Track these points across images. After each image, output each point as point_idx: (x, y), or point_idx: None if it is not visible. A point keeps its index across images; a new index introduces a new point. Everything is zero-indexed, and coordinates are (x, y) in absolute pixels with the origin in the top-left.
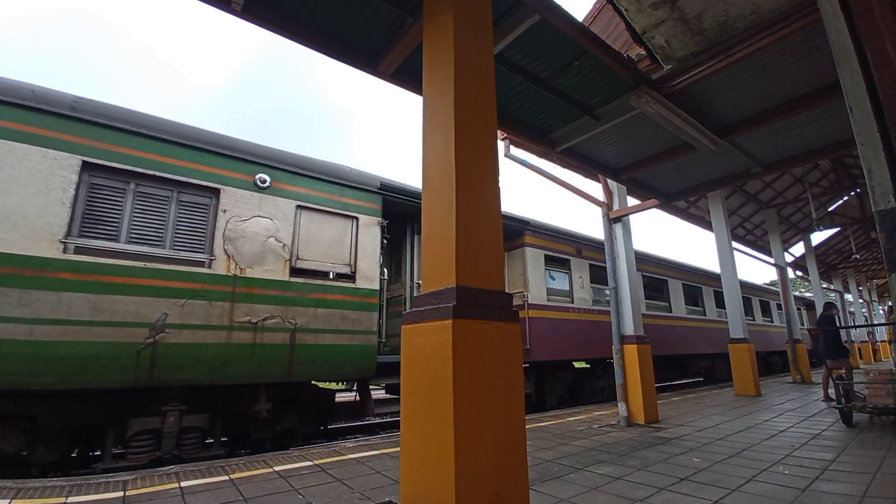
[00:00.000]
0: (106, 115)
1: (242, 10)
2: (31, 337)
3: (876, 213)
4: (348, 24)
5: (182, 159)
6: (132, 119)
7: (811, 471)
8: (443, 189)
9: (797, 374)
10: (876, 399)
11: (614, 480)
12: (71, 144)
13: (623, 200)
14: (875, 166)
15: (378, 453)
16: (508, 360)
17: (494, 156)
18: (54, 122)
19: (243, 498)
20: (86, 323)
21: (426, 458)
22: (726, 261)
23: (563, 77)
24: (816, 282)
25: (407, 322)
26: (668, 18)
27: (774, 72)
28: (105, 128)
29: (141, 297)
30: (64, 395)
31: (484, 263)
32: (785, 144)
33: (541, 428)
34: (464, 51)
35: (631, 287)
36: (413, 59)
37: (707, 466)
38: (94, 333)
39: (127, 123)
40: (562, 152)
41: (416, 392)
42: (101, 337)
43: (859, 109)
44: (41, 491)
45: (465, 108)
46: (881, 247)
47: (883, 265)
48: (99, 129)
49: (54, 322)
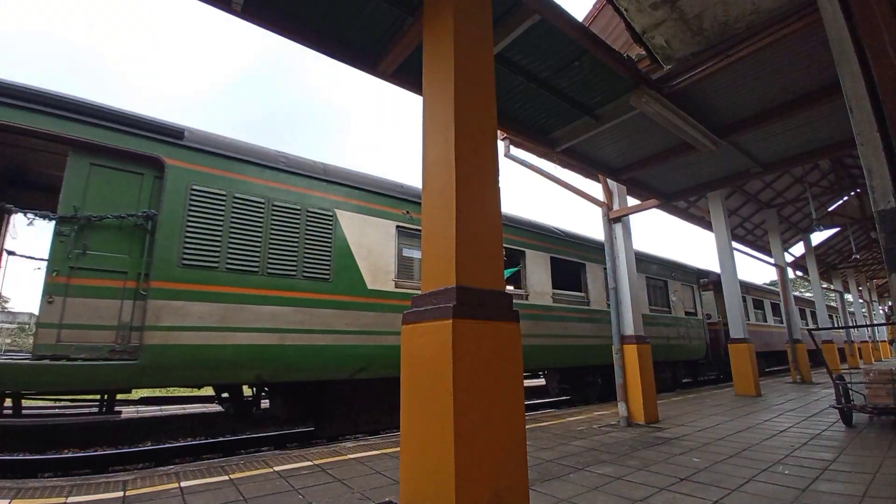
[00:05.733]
0: (412, 193)
1: (242, 10)
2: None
3: (876, 213)
4: (348, 24)
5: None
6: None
7: (811, 471)
8: (443, 189)
9: (797, 374)
10: (876, 399)
11: (614, 480)
12: (391, 215)
13: (623, 200)
14: (875, 166)
15: (378, 453)
16: (508, 360)
17: (494, 156)
18: (385, 200)
19: (243, 498)
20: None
21: (426, 458)
22: (726, 261)
23: (563, 77)
24: (816, 282)
25: (407, 322)
26: (668, 18)
27: (774, 72)
28: (409, 202)
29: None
30: None
31: (484, 263)
32: (785, 144)
33: (541, 428)
34: (464, 51)
35: (631, 287)
36: (413, 59)
37: (707, 466)
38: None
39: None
40: (562, 152)
41: (416, 392)
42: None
43: (859, 109)
44: (41, 491)
45: (465, 108)
46: (881, 247)
47: (883, 265)
48: (405, 203)
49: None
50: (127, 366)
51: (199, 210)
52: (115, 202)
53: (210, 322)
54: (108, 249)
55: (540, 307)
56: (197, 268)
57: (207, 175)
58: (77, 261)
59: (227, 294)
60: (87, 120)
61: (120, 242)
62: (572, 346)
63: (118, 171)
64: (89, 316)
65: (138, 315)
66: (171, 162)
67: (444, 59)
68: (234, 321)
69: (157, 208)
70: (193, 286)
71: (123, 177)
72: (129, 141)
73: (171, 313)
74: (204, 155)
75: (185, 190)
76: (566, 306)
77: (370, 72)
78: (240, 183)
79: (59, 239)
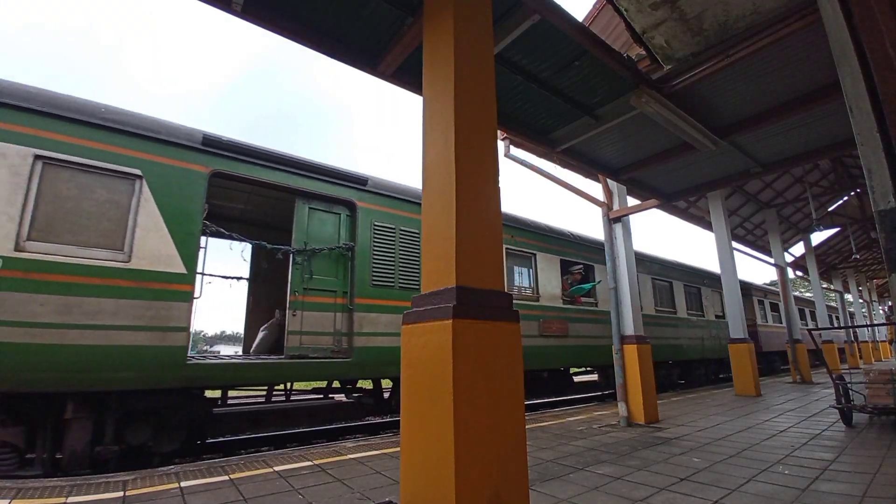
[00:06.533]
0: (507, 218)
1: (242, 10)
2: None
3: (876, 213)
4: (348, 24)
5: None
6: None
7: (811, 471)
8: (443, 189)
9: (797, 374)
10: (876, 399)
11: (614, 480)
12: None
13: (623, 200)
14: (875, 166)
15: (378, 453)
16: (508, 360)
17: (494, 156)
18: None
19: (243, 498)
20: None
21: (426, 458)
22: (726, 261)
23: (563, 77)
24: (816, 282)
25: (407, 322)
26: (668, 18)
27: (774, 72)
28: (511, 227)
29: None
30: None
31: (484, 263)
32: (785, 144)
33: (541, 428)
34: (464, 51)
35: (631, 287)
36: (413, 59)
37: (707, 466)
38: None
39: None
40: (562, 152)
41: (416, 392)
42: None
43: (859, 109)
44: (41, 491)
45: (465, 108)
46: (881, 247)
47: (883, 265)
48: (509, 228)
49: None
50: (344, 362)
51: (379, 241)
52: (325, 237)
53: (391, 329)
54: (325, 274)
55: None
56: (382, 287)
57: (384, 213)
58: (307, 283)
59: (400, 307)
60: (306, 174)
61: (330, 268)
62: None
63: (326, 212)
64: (317, 325)
65: (348, 324)
66: (360, 204)
67: (444, 59)
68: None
69: (353, 241)
70: (380, 301)
71: (329, 217)
72: (332, 189)
73: (368, 322)
74: (380, 197)
75: (370, 226)
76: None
77: (370, 72)
78: (404, 219)
79: (296, 267)
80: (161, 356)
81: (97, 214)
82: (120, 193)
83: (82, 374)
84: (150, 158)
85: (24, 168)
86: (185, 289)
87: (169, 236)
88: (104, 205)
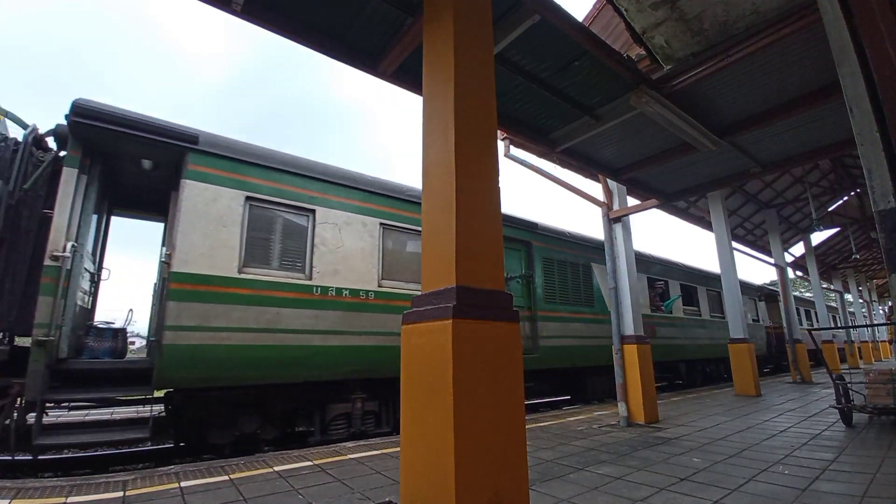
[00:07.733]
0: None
1: (242, 10)
2: None
3: (876, 213)
4: (348, 24)
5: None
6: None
7: (811, 471)
8: (443, 189)
9: (797, 374)
10: (876, 399)
11: (614, 480)
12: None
13: (623, 200)
14: (875, 166)
15: (378, 453)
16: (508, 360)
17: (494, 156)
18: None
19: (243, 498)
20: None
21: (426, 458)
22: (726, 261)
23: (563, 77)
24: (816, 282)
25: (406, 322)
26: (668, 18)
27: (774, 72)
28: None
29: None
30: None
31: (484, 263)
32: (785, 144)
33: (541, 428)
34: (464, 51)
35: (631, 287)
36: (413, 59)
37: (707, 466)
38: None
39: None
40: (562, 152)
41: (415, 392)
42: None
43: (859, 109)
44: (41, 491)
45: (465, 108)
46: (881, 247)
47: (883, 265)
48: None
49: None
50: (534, 357)
51: (546, 270)
52: (514, 267)
53: (557, 333)
54: (518, 294)
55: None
56: (550, 302)
57: (547, 249)
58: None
59: (562, 317)
60: (505, 223)
61: (519, 290)
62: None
63: (513, 250)
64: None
65: (532, 330)
66: (534, 243)
67: (444, 59)
68: (562, 332)
69: (531, 270)
70: (550, 313)
71: (515, 253)
72: (517, 233)
73: (543, 328)
74: (545, 237)
75: (540, 259)
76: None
77: (370, 72)
78: (559, 252)
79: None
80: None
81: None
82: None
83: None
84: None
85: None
86: None
87: None
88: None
